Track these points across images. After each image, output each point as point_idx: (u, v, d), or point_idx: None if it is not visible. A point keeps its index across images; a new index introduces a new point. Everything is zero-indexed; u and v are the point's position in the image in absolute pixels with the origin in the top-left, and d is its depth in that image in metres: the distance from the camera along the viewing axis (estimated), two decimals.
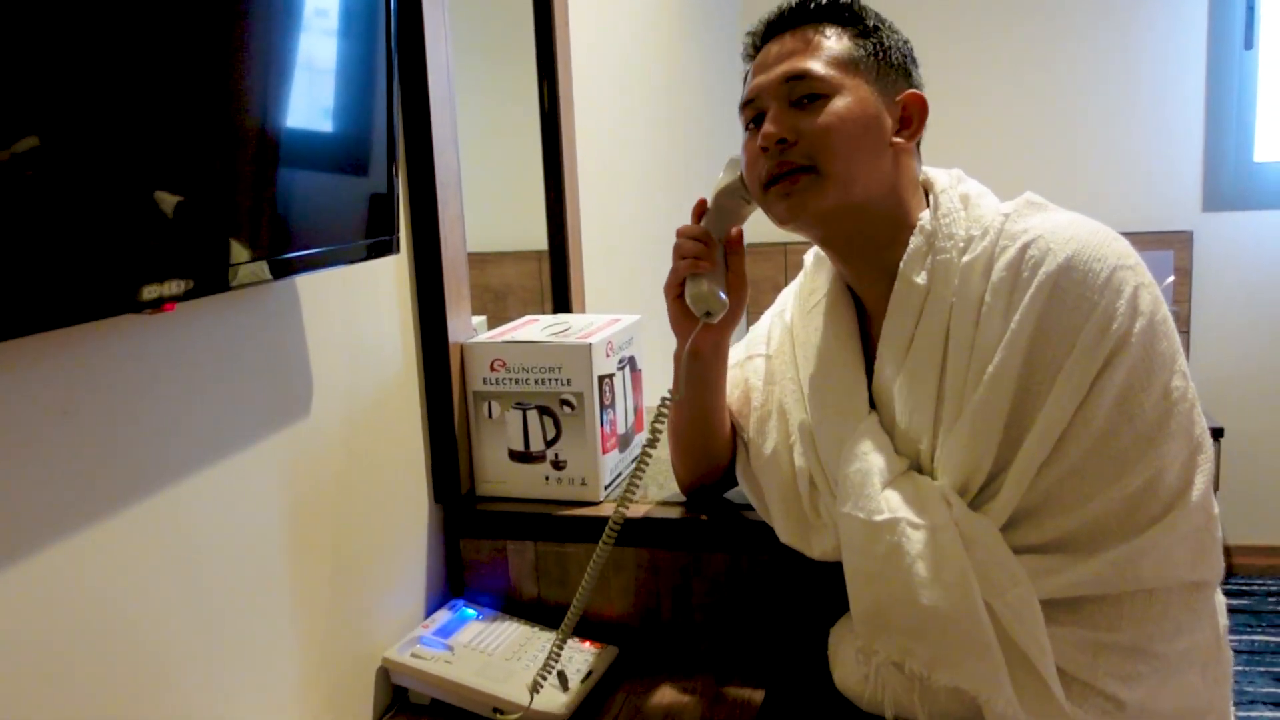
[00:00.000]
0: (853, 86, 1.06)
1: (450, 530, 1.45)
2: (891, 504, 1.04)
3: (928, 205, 1.11)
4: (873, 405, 1.12)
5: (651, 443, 1.18)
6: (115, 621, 0.90)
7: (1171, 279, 3.44)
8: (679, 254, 1.18)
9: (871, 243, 1.10)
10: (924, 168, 1.15)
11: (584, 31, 2.00)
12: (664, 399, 1.19)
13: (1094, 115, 3.46)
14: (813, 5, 1.10)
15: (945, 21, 3.50)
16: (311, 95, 1.01)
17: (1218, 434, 3.17)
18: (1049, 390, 0.98)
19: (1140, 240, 3.51)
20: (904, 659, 1.02)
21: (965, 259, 1.05)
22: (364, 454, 1.28)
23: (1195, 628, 1.02)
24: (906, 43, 1.12)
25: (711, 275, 1.17)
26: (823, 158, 1.05)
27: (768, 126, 1.07)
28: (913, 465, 1.08)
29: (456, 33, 1.42)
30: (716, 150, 2.99)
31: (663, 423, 1.19)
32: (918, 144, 1.12)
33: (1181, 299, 3.45)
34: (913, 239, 1.07)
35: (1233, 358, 3.47)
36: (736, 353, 1.32)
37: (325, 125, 1.04)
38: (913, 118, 1.08)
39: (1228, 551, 3.57)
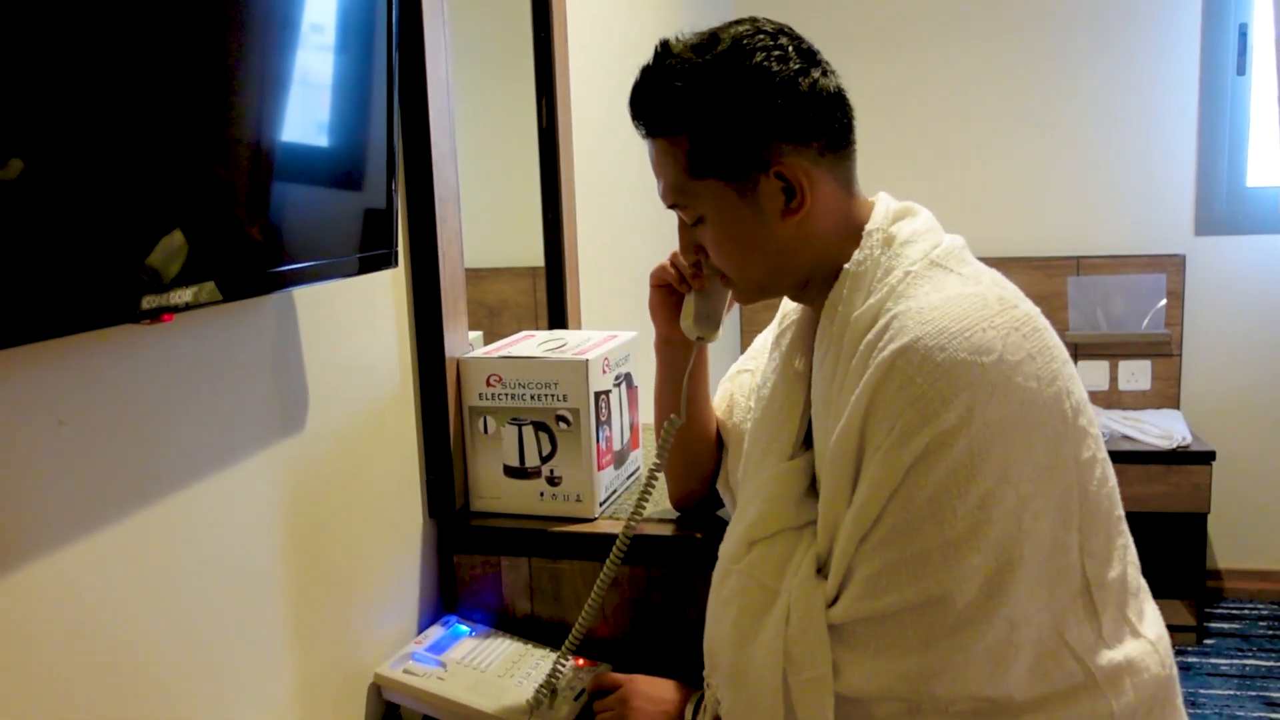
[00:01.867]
0: (716, 200, 1.02)
1: (444, 545, 1.44)
2: (750, 558, 1.06)
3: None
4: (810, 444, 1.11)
5: (658, 465, 1.21)
6: (105, 634, 0.89)
7: (1163, 302, 3.45)
8: (674, 261, 1.20)
9: (820, 288, 1.07)
10: (879, 195, 1.10)
11: (582, 49, 2.01)
12: (668, 422, 1.21)
13: (1088, 139, 3.48)
14: (644, 121, 1.04)
15: (940, 46, 3.52)
16: (311, 111, 1.02)
17: (1209, 457, 3.18)
18: (868, 470, 0.95)
19: (1133, 264, 3.54)
20: (716, 699, 1.07)
21: (858, 311, 1.00)
22: (358, 468, 1.27)
23: None
24: (753, 95, 0.99)
25: (706, 299, 1.18)
26: (725, 272, 1.09)
27: (680, 248, 1.14)
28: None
29: (455, 49, 1.42)
30: None
31: (668, 445, 1.21)
32: (845, 180, 1.06)
33: (1174, 322, 3.47)
34: (835, 284, 1.04)
35: (1224, 381, 3.48)
36: (733, 366, 1.34)
37: (324, 140, 1.04)
38: (795, 187, 1.01)
39: (1219, 574, 3.58)
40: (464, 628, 1.38)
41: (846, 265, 1.03)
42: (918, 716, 0.96)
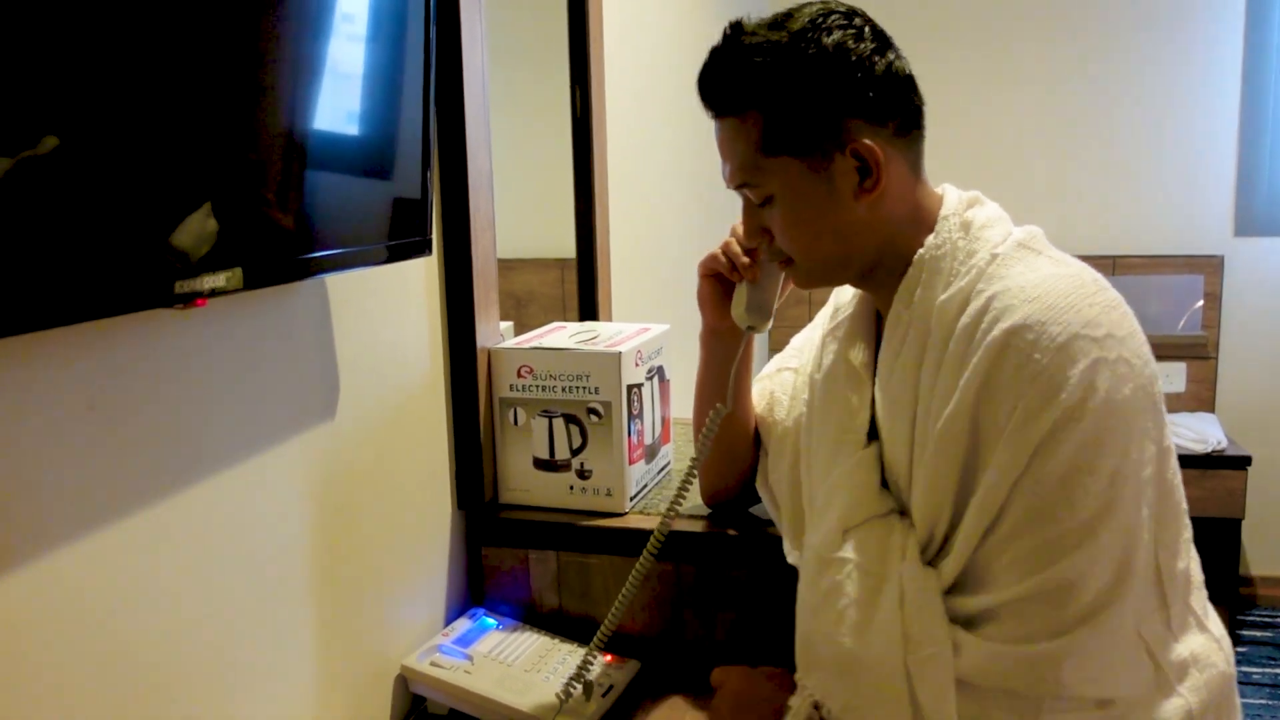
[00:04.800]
0: (788, 178, 1.00)
1: (472, 538, 1.43)
2: (849, 545, 1.03)
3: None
4: (876, 434, 1.09)
5: (698, 458, 1.18)
6: (133, 619, 0.88)
7: (1200, 304, 3.40)
8: (726, 250, 1.18)
9: (886, 275, 1.06)
10: (945, 186, 1.09)
11: (618, 37, 1.99)
12: (713, 410, 1.18)
13: (1128, 138, 3.43)
14: (716, 100, 1.03)
15: (980, 42, 3.48)
16: (347, 99, 1.00)
17: (1244, 462, 3.13)
18: (992, 451, 0.93)
19: (1170, 264, 3.48)
20: (824, 698, 1.02)
21: (943, 296, 0.99)
22: (387, 458, 1.26)
23: None
24: (830, 72, 0.98)
25: (758, 288, 1.16)
26: (792, 255, 1.06)
27: (743, 228, 1.10)
28: (897, 504, 1.05)
29: (490, 38, 1.40)
30: None
31: (712, 434, 1.18)
32: (915, 164, 1.04)
33: (1210, 324, 3.41)
34: (910, 270, 1.02)
35: (1261, 385, 3.42)
36: (770, 365, 1.31)
37: (361, 128, 1.03)
38: (869, 165, 0.99)
39: (1251, 581, 3.52)
40: (491, 621, 1.37)
41: (921, 251, 1.02)
42: (1043, 703, 0.93)
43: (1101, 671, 0.92)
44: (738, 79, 1.01)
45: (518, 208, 1.77)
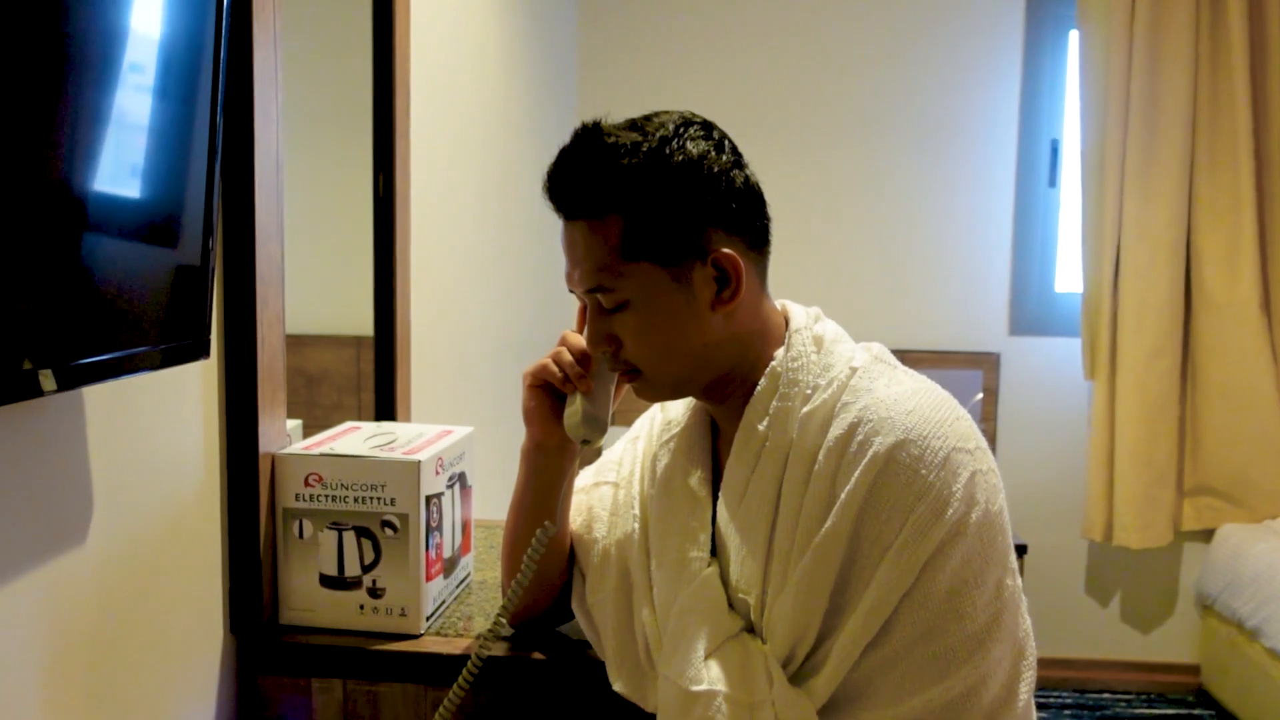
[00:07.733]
0: (645, 284, 0.98)
1: (246, 665, 1.28)
2: (711, 674, 0.98)
3: (785, 342, 1.06)
4: (716, 552, 1.05)
5: (521, 580, 1.09)
6: None
7: (980, 396, 3.58)
8: (557, 360, 1.10)
9: (731, 389, 1.05)
10: (784, 301, 1.10)
11: (425, 120, 1.91)
12: (541, 529, 1.09)
13: (913, 244, 3.61)
14: (571, 202, 1.00)
15: (771, 149, 3.60)
16: (117, 189, 0.88)
17: (1021, 550, 3.28)
18: (875, 567, 0.92)
19: (952, 360, 3.66)
20: None
21: (805, 409, 0.99)
22: (148, 581, 1.11)
23: None
24: (695, 181, 0.98)
25: (593, 400, 1.10)
26: (642, 365, 1.03)
27: (588, 334, 1.05)
28: (745, 623, 1.01)
29: (288, 105, 1.30)
30: (554, 253, 2.93)
31: (538, 555, 1.09)
32: (763, 278, 1.06)
33: (989, 417, 3.60)
34: (761, 382, 1.02)
35: (1034, 473, 3.62)
36: (585, 477, 1.24)
37: (133, 220, 0.91)
38: (729, 275, 0.99)
39: None
40: None
41: (774, 364, 1.02)
42: None
43: None
44: (599, 181, 0.98)
45: (313, 279, 1.65)
